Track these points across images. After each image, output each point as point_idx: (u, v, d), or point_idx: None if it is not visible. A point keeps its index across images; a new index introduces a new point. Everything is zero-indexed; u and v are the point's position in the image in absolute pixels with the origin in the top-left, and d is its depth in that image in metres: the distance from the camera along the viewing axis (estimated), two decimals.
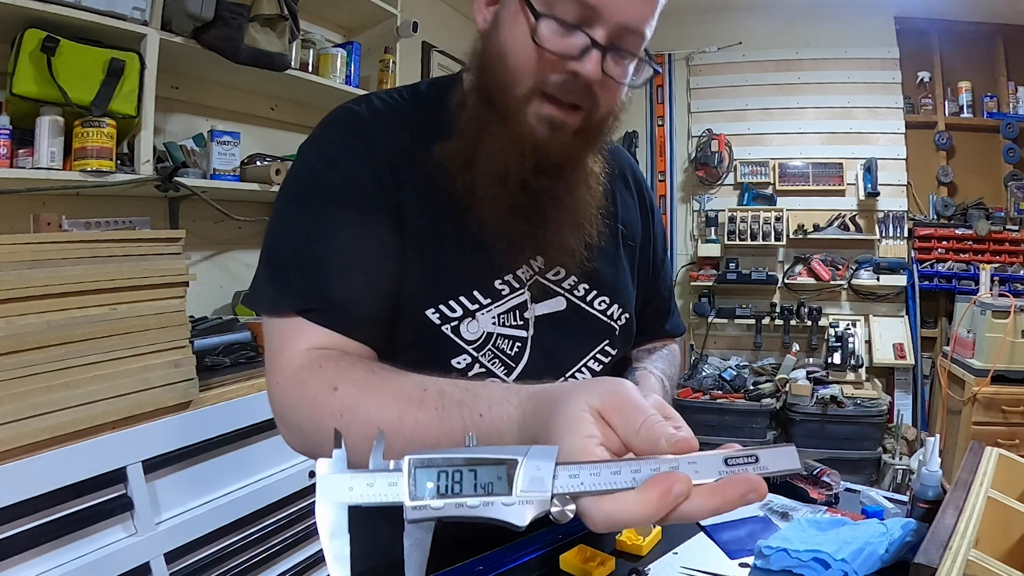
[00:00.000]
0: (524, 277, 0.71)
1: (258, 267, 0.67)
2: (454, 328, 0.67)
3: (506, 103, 0.63)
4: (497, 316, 0.68)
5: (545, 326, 0.72)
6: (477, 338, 0.68)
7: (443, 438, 0.51)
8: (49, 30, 1.39)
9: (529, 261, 0.71)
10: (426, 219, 0.67)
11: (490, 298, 0.68)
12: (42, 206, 1.55)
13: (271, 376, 0.63)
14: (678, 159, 3.84)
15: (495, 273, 0.69)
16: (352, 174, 0.66)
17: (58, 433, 1.13)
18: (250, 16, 1.74)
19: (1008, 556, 0.66)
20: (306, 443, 0.61)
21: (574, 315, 0.74)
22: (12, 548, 1.07)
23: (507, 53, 0.62)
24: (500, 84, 0.63)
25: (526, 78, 0.61)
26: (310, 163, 0.69)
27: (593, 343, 0.77)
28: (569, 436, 0.39)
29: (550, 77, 0.61)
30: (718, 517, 0.82)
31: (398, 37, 2.43)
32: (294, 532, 1.58)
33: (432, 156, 0.67)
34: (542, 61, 0.60)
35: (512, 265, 0.70)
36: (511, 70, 0.62)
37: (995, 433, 2.64)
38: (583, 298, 0.76)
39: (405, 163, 0.67)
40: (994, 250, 3.36)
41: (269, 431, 1.54)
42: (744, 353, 3.66)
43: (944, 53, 3.56)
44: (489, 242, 0.67)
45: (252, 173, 1.92)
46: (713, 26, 3.67)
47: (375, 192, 0.66)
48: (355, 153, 0.67)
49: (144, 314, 1.27)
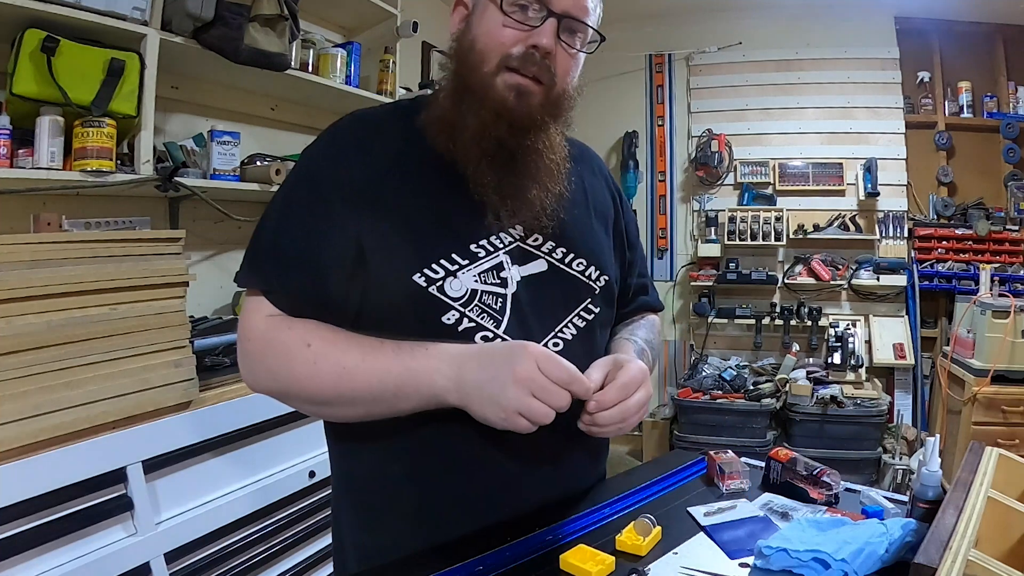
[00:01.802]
0: (499, 244, 0.80)
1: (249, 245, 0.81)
2: (439, 288, 0.75)
3: (478, 79, 0.76)
4: (477, 275, 0.77)
5: (531, 285, 0.81)
6: (462, 295, 0.76)
7: (395, 365, 0.71)
8: (49, 30, 1.39)
9: (508, 230, 0.80)
10: (412, 201, 0.77)
11: (468, 259, 0.77)
12: (42, 206, 1.55)
13: (241, 333, 0.78)
14: (678, 159, 3.84)
15: (470, 238, 0.78)
16: (334, 177, 0.78)
17: (58, 433, 1.13)
18: (250, 16, 1.74)
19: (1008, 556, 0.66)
20: (274, 384, 0.77)
21: (555, 276, 0.83)
22: (12, 548, 1.07)
23: (477, 39, 0.76)
24: (472, 66, 0.76)
25: (493, 55, 0.75)
26: (303, 162, 0.82)
27: (576, 302, 0.85)
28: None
29: (513, 51, 0.74)
30: (718, 517, 0.82)
31: (398, 37, 2.43)
32: (294, 532, 1.58)
33: (416, 147, 0.79)
34: (506, 39, 0.74)
35: (489, 231, 0.79)
36: (481, 52, 0.76)
37: (995, 433, 2.64)
38: (561, 260, 0.84)
39: (395, 160, 0.79)
40: (994, 250, 3.36)
41: (269, 431, 1.54)
42: (744, 353, 3.66)
43: (944, 53, 3.56)
44: (469, 209, 0.78)
45: (252, 173, 1.92)
46: (713, 26, 3.67)
47: (350, 193, 0.76)
48: (345, 157, 0.79)
49: (144, 314, 1.27)
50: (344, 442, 0.85)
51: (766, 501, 0.88)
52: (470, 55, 0.77)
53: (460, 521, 0.78)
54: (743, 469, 0.94)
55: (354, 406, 0.74)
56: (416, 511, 0.80)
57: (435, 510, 0.79)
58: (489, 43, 0.75)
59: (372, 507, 0.83)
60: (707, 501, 0.88)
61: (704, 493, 0.92)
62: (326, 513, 1.67)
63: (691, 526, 0.81)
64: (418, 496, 0.79)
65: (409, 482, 0.80)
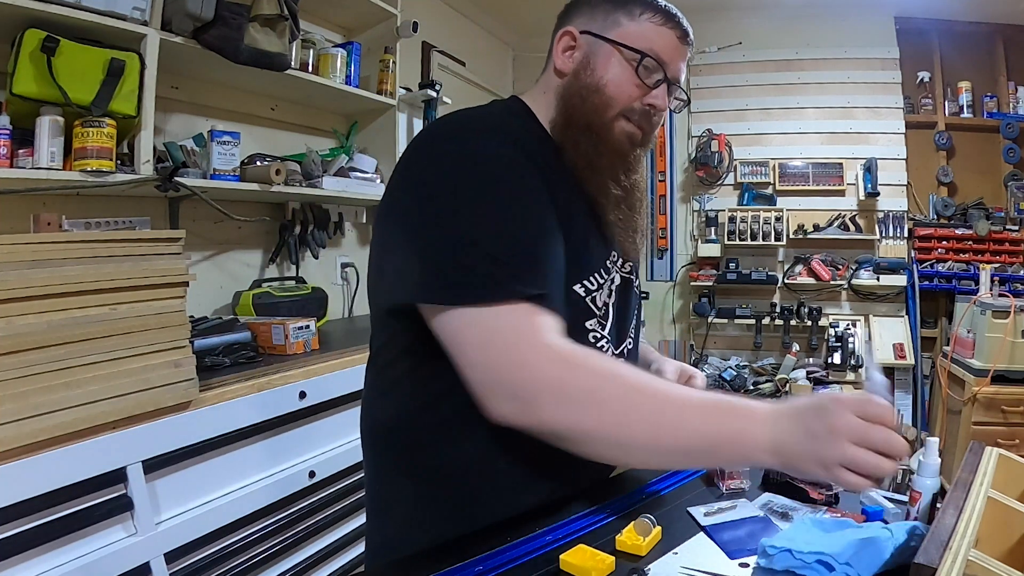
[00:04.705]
0: (616, 264, 0.91)
1: (439, 255, 0.71)
2: (593, 299, 0.84)
3: (599, 120, 0.83)
4: (609, 290, 0.88)
5: (617, 295, 0.91)
6: (602, 306, 0.87)
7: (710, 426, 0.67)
8: (49, 30, 1.38)
9: (615, 250, 0.90)
10: (565, 209, 0.80)
11: (606, 275, 0.87)
12: (42, 206, 1.55)
13: (521, 366, 0.67)
14: (678, 159, 3.84)
15: (606, 257, 0.88)
16: (515, 161, 0.76)
17: (58, 433, 1.13)
18: (250, 16, 1.74)
19: (1008, 556, 0.66)
20: (574, 425, 0.68)
21: (626, 288, 0.94)
22: (12, 548, 1.07)
23: (606, 85, 0.83)
24: (595, 108, 0.83)
25: (618, 104, 0.83)
26: (475, 155, 0.75)
27: (634, 310, 0.98)
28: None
29: (634, 106, 0.84)
30: (718, 517, 0.82)
31: (398, 37, 2.43)
32: (294, 532, 1.58)
33: (553, 158, 0.84)
34: (633, 93, 0.83)
35: (612, 250, 0.89)
36: (608, 98, 0.83)
37: (995, 433, 2.64)
38: (629, 274, 0.95)
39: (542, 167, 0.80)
40: (994, 250, 3.36)
41: (269, 431, 1.54)
42: (744, 353, 3.66)
43: (944, 53, 3.56)
44: (599, 230, 0.86)
45: (252, 173, 1.92)
46: (713, 26, 3.67)
47: (536, 177, 0.77)
48: (505, 144, 0.78)
49: (144, 314, 1.27)
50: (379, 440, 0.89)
51: (766, 501, 0.88)
52: (594, 97, 0.83)
53: (494, 511, 0.81)
54: (743, 469, 0.94)
55: (660, 456, 0.72)
56: (457, 504, 0.83)
57: (469, 506, 0.82)
58: (617, 94, 0.83)
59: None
60: (707, 501, 0.88)
61: (704, 493, 0.92)
62: (326, 513, 1.67)
63: (691, 526, 0.81)
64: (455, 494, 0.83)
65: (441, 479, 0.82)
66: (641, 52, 0.82)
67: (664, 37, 0.83)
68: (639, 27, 0.83)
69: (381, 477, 0.90)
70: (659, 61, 0.83)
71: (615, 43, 0.83)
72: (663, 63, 0.83)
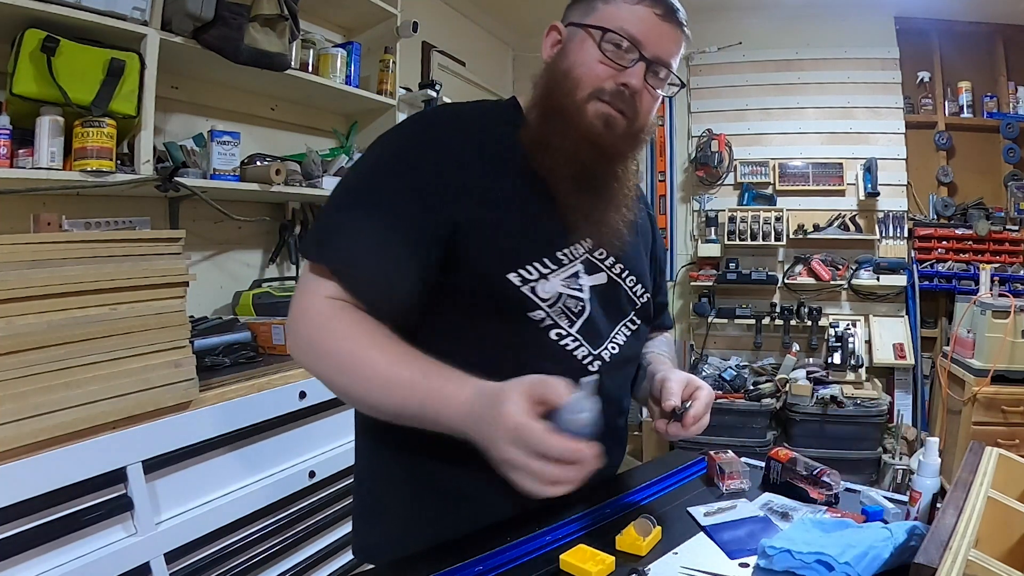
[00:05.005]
0: (576, 253, 0.86)
1: (318, 219, 0.83)
2: (531, 288, 0.81)
3: (570, 103, 0.81)
4: (563, 280, 0.84)
5: (595, 294, 0.87)
6: (549, 296, 0.82)
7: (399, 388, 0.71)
8: (49, 30, 1.38)
9: (581, 241, 0.86)
10: (505, 200, 0.81)
11: (555, 265, 0.83)
12: (42, 206, 1.55)
13: (297, 306, 0.78)
14: (678, 159, 3.84)
15: (557, 245, 0.84)
16: (429, 158, 0.80)
17: (58, 433, 1.13)
18: (250, 16, 1.74)
19: (1008, 556, 0.66)
20: (307, 360, 0.77)
21: (613, 288, 0.90)
22: (12, 548, 1.07)
23: (573, 67, 0.82)
24: (565, 91, 0.81)
25: (587, 85, 0.81)
26: (392, 142, 0.84)
27: (624, 314, 0.92)
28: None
29: (605, 86, 0.81)
30: (718, 517, 0.82)
31: (398, 37, 2.43)
32: (294, 532, 1.58)
33: (508, 150, 0.83)
34: (600, 73, 0.80)
35: (570, 240, 0.85)
36: (576, 79, 0.81)
37: (995, 433, 2.64)
38: (619, 275, 0.91)
39: (489, 157, 0.82)
40: (994, 250, 3.36)
41: (269, 431, 1.54)
42: (744, 353, 3.65)
43: (944, 53, 3.56)
44: (553, 218, 0.83)
45: (252, 173, 1.92)
46: (713, 26, 3.67)
47: (432, 188, 0.78)
48: (441, 140, 0.82)
49: (144, 314, 1.27)
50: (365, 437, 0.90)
51: (766, 501, 0.88)
52: (564, 81, 0.82)
53: (488, 512, 0.80)
54: (743, 469, 0.94)
55: (379, 413, 0.77)
56: (430, 509, 0.82)
57: (457, 504, 0.82)
58: (584, 74, 0.81)
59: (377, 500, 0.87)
60: (707, 501, 0.88)
61: (704, 493, 0.92)
62: (326, 513, 1.67)
63: (691, 526, 0.81)
64: (435, 492, 0.83)
65: (419, 479, 0.82)
66: (604, 28, 0.80)
67: (637, 14, 0.80)
68: (614, 8, 0.81)
69: (376, 476, 0.90)
70: (630, 39, 0.80)
71: (587, 26, 0.82)
72: (636, 41, 0.80)
